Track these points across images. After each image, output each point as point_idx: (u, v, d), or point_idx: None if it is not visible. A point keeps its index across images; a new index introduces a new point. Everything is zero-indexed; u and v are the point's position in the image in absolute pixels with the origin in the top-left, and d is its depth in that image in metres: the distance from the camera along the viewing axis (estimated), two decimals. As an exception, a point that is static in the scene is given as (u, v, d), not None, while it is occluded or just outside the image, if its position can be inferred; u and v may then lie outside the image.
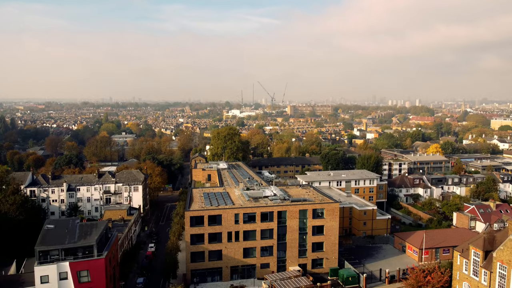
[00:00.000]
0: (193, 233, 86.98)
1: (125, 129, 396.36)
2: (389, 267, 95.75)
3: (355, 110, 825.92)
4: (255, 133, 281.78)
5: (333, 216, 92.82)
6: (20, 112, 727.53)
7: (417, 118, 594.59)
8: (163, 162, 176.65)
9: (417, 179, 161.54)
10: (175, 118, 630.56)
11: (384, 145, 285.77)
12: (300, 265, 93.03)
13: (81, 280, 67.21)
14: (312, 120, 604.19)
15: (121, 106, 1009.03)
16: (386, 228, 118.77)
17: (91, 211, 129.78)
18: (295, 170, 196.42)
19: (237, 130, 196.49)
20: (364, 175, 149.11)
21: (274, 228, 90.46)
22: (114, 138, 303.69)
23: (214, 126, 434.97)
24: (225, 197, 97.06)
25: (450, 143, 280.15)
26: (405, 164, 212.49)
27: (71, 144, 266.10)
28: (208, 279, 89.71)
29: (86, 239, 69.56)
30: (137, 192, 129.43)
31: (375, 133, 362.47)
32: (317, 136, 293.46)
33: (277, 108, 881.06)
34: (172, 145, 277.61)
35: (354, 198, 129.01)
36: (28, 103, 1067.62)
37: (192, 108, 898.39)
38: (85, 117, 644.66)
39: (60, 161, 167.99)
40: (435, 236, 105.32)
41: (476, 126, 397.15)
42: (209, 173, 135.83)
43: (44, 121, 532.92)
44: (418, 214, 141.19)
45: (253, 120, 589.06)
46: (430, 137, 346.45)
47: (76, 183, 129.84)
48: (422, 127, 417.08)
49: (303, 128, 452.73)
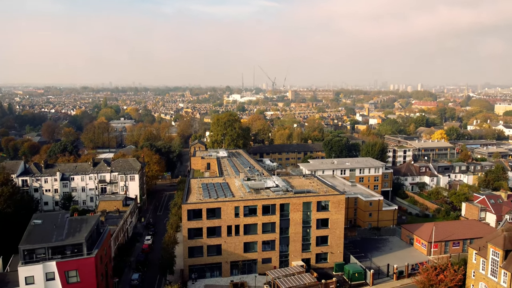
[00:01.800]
0: (190, 227, 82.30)
1: (124, 115, 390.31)
2: (397, 261, 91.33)
3: (357, 94, 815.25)
4: (256, 119, 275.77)
5: (339, 209, 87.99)
6: (19, 97, 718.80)
7: (420, 103, 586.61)
8: (161, 150, 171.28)
9: (423, 167, 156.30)
10: (175, 103, 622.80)
11: (388, 131, 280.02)
12: (303, 259, 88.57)
13: (70, 281, 62.60)
14: (314, 105, 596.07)
15: (121, 90, 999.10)
16: (393, 219, 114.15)
17: (86, 201, 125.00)
18: (297, 158, 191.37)
19: (237, 116, 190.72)
20: (369, 163, 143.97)
21: (276, 221, 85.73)
22: (112, 124, 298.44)
23: (215, 111, 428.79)
24: (224, 189, 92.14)
25: (455, 129, 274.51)
26: (409, 151, 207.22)
27: (69, 130, 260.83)
28: (207, 274, 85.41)
29: (74, 237, 64.77)
30: (134, 181, 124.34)
31: (378, 118, 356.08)
32: (319, 122, 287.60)
33: (278, 92, 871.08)
34: (172, 131, 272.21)
35: (359, 188, 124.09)
36: (27, 88, 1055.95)
37: (192, 93, 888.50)
38: (84, 102, 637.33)
39: (54, 149, 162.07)
40: (445, 229, 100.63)
41: (481, 111, 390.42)
42: (208, 161, 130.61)
43: (42, 106, 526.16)
44: (424, 203, 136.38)
45: (253, 105, 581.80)
46: (434, 123, 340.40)
47: (70, 172, 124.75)
48: (425, 112, 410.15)
49: (304, 113, 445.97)
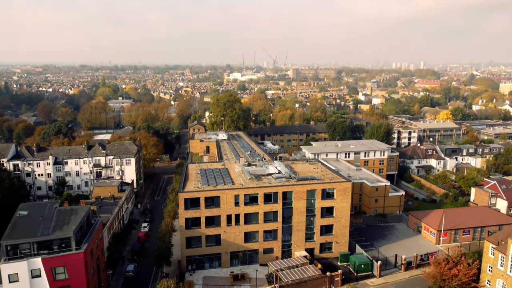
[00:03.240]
0: (188, 216, 77.77)
1: (122, 94, 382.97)
2: (404, 251, 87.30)
3: (359, 73, 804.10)
4: (256, 99, 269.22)
5: (344, 197, 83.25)
6: (17, 76, 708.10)
7: (423, 82, 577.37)
8: (159, 131, 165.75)
9: (430, 150, 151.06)
10: (174, 82, 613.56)
11: (391, 111, 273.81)
12: (307, 249, 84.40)
13: (57, 278, 58.33)
14: (315, 83, 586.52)
15: (120, 69, 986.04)
16: (399, 205, 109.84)
17: (80, 186, 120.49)
18: (299, 139, 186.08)
19: (238, 97, 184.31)
20: (374, 146, 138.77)
21: (279, 210, 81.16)
22: (110, 103, 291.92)
23: (215, 90, 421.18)
24: (224, 175, 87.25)
25: (460, 109, 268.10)
26: (414, 132, 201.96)
27: (65, 110, 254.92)
28: (206, 265, 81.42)
29: (62, 230, 60.17)
30: (130, 165, 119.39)
31: (381, 98, 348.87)
32: (322, 102, 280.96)
33: (279, 71, 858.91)
34: (171, 111, 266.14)
35: (364, 172, 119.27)
36: (25, 66, 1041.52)
37: (192, 71, 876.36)
38: (82, 80, 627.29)
39: (48, 131, 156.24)
40: (454, 216, 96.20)
41: (486, 90, 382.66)
42: (207, 144, 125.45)
43: (40, 85, 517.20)
44: (431, 188, 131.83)
45: (254, 84, 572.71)
46: (438, 103, 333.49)
47: (63, 156, 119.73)
48: (429, 91, 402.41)
49: (306, 92, 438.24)
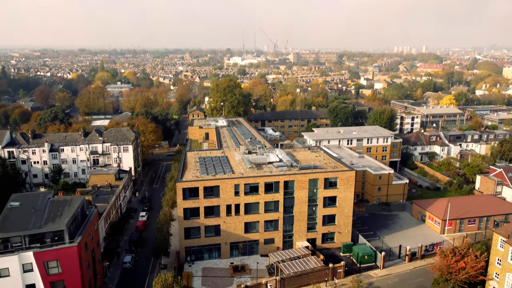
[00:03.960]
0: (186, 206, 75.41)
1: (121, 79, 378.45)
2: (408, 240, 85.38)
3: (360, 57, 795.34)
4: (257, 83, 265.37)
5: (348, 186, 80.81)
6: (15, 60, 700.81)
7: (425, 66, 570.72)
8: (158, 117, 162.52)
9: (433, 136, 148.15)
10: (174, 66, 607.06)
11: (394, 96, 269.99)
12: (308, 240, 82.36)
13: (50, 272, 56.24)
14: (316, 68, 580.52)
15: (119, 53, 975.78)
16: (403, 194, 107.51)
17: (77, 174, 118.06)
18: (300, 125, 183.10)
19: (238, 82, 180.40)
20: (377, 132, 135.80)
21: (280, 199, 78.79)
22: (108, 88, 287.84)
23: (215, 75, 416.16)
24: (223, 163, 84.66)
25: (464, 94, 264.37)
26: (417, 118, 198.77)
27: (63, 95, 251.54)
28: (205, 256, 79.47)
29: (55, 222, 57.83)
30: (127, 152, 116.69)
31: (384, 82, 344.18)
32: (323, 87, 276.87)
33: (279, 55, 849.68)
34: (170, 96, 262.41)
35: (367, 160, 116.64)
36: (23, 50, 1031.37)
37: (192, 55, 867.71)
38: (81, 64, 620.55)
39: (44, 117, 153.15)
40: (459, 205, 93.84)
41: (490, 75, 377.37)
42: (206, 131, 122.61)
43: (38, 69, 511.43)
44: (435, 175, 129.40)
45: (255, 68, 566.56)
46: (441, 87, 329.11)
47: (59, 143, 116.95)
48: (432, 76, 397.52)
49: (307, 76, 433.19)
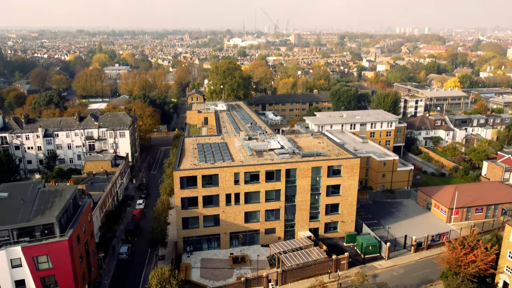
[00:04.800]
0: (184, 196, 72.38)
1: (119, 60, 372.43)
2: (413, 229, 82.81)
3: (362, 38, 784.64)
4: (257, 66, 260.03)
5: (352, 174, 77.61)
6: (12, 41, 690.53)
7: (428, 47, 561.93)
8: (156, 101, 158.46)
9: (438, 120, 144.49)
10: (173, 48, 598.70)
11: (397, 79, 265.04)
12: (311, 229, 79.63)
13: (40, 267, 53.48)
14: (318, 49, 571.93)
15: (118, 34, 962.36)
16: (408, 181, 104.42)
17: (73, 159, 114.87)
18: (301, 108, 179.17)
19: (238, 64, 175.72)
20: (381, 116, 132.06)
21: (282, 188, 75.69)
22: (106, 70, 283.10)
23: (214, 56, 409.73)
24: (223, 150, 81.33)
25: (468, 76, 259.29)
26: (421, 101, 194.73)
27: (60, 77, 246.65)
28: (204, 246, 76.85)
29: (44, 215, 54.79)
30: (124, 138, 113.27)
31: (386, 64, 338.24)
32: (325, 69, 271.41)
33: (280, 36, 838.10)
34: (169, 78, 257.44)
35: (371, 145, 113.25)
36: (21, 31, 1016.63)
37: (191, 37, 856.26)
38: (79, 46, 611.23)
39: (39, 100, 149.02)
40: (466, 192, 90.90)
41: (494, 56, 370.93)
42: (205, 115, 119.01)
43: (35, 50, 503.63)
44: (440, 161, 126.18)
45: (255, 50, 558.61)
46: (445, 69, 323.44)
47: (54, 128, 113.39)
48: (435, 57, 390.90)
49: (308, 58, 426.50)
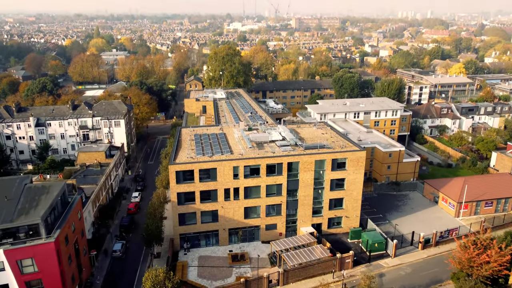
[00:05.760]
0: (180, 191, 68.53)
1: (117, 46, 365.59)
2: (420, 224, 79.44)
3: (364, 23, 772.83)
4: (258, 51, 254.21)
5: (358, 167, 73.65)
6: (9, 25, 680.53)
7: (431, 32, 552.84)
8: (153, 88, 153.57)
9: (445, 108, 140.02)
10: (172, 32, 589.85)
11: (400, 64, 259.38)
12: (313, 225, 76.01)
13: (25, 271, 49.94)
14: (319, 34, 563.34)
15: (116, 18, 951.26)
16: (414, 172, 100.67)
17: (67, 150, 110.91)
18: (303, 95, 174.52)
19: (238, 49, 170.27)
20: (386, 105, 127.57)
21: (283, 182, 71.81)
22: (103, 56, 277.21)
23: (214, 41, 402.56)
24: (221, 142, 77.26)
25: (474, 62, 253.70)
26: (426, 88, 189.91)
27: (55, 63, 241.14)
28: (202, 243, 73.34)
29: (29, 215, 51.01)
30: (119, 127, 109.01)
31: (389, 49, 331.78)
32: (327, 55, 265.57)
33: (281, 20, 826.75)
34: (167, 64, 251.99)
35: (376, 135, 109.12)
36: (18, 15, 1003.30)
37: (191, 21, 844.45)
38: (77, 30, 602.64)
39: (32, 88, 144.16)
40: (476, 185, 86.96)
41: (499, 41, 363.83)
42: (204, 104, 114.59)
43: (32, 35, 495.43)
44: (446, 150, 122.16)
45: (255, 34, 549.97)
46: (449, 55, 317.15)
47: (46, 117, 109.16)
48: (438, 42, 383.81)
49: (309, 43, 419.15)
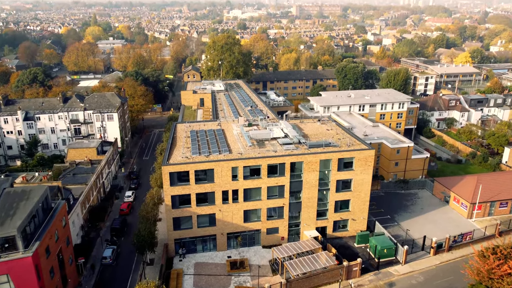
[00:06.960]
0: (175, 193, 63.35)
1: (114, 34, 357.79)
2: (431, 227, 74.66)
3: (366, 10, 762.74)
4: (258, 39, 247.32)
5: (366, 167, 68.42)
6: (5, 13, 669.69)
7: (434, 20, 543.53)
8: (149, 79, 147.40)
9: (453, 100, 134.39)
10: (171, 20, 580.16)
11: (404, 53, 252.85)
12: (318, 228, 71.03)
13: (0, 288, 45.00)
14: (320, 22, 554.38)
15: (115, 5, 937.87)
16: (423, 169, 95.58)
17: (57, 145, 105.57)
18: (305, 86, 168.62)
19: (237, 38, 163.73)
20: (392, 97, 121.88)
21: (286, 184, 66.64)
22: (100, 44, 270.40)
23: (213, 29, 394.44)
24: (219, 140, 71.86)
25: (480, 51, 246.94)
26: (432, 78, 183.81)
27: (50, 52, 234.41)
28: (199, 248, 68.40)
29: (4, 226, 45.92)
30: (112, 121, 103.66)
31: (393, 38, 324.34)
32: (329, 43, 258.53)
33: (281, 8, 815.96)
34: (165, 53, 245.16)
35: (382, 129, 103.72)
36: (15, 2, 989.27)
37: (190, 8, 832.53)
38: (74, 18, 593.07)
39: (22, 78, 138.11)
40: (489, 184, 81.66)
41: (505, 29, 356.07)
42: (201, 96, 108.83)
43: (28, 23, 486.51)
44: (455, 145, 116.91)
45: (255, 22, 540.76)
46: (454, 43, 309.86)
47: (35, 110, 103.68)
48: (442, 30, 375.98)
49: (310, 31, 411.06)
